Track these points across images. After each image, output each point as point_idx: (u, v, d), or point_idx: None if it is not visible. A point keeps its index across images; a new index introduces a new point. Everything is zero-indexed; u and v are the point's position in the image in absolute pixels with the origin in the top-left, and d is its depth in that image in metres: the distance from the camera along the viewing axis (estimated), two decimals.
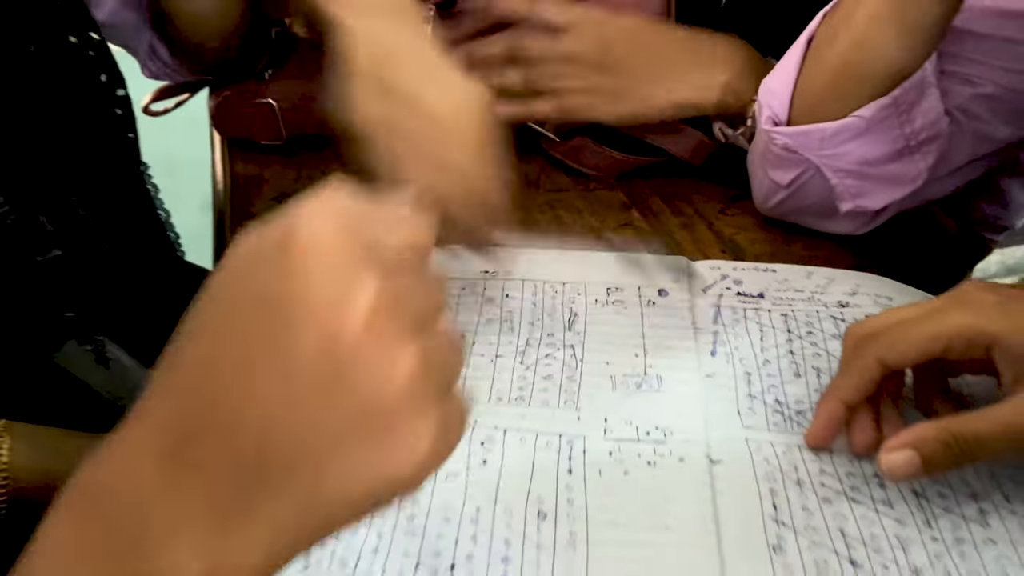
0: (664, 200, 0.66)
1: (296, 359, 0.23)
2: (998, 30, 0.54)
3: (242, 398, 0.23)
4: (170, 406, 0.25)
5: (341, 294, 0.23)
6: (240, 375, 0.24)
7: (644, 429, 0.46)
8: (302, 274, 0.23)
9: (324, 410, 0.23)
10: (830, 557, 0.40)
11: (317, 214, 0.24)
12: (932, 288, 0.55)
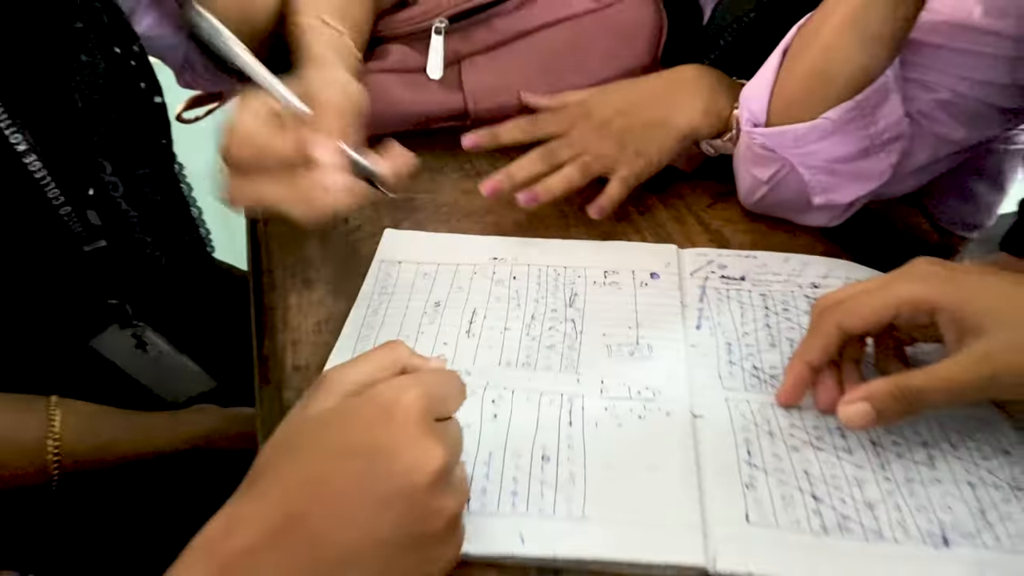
0: (658, 197, 0.73)
1: (382, 497, 0.36)
2: (951, 41, 0.60)
3: (334, 515, 0.36)
4: (278, 497, 0.37)
5: (421, 459, 0.37)
6: (336, 498, 0.36)
7: (635, 389, 0.53)
8: (400, 439, 0.37)
9: (393, 533, 0.37)
10: (795, 493, 0.46)
11: (411, 392, 0.39)
12: None
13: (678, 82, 0.72)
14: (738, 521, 0.45)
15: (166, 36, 0.81)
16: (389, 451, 0.37)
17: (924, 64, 0.61)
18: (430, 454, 0.37)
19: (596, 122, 0.70)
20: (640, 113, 0.70)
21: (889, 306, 0.48)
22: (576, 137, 0.69)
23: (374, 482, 0.37)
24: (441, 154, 0.77)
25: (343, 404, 0.40)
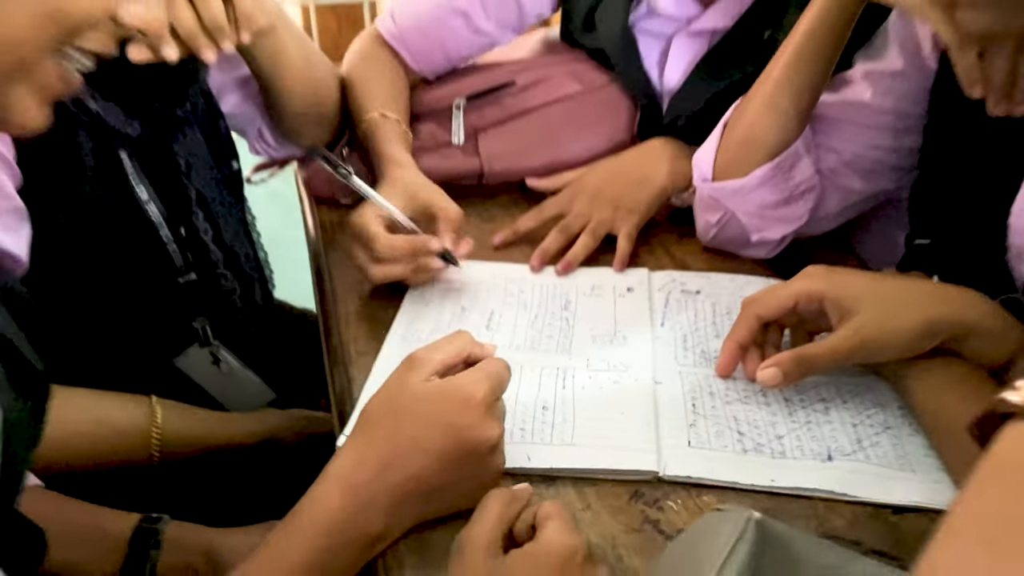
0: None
1: (458, 456, 0.56)
2: (850, 116, 0.81)
3: (427, 465, 0.55)
4: (388, 448, 0.56)
5: (486, 434, 0.56)
6: (428, 453, 0.55)
7: (612, 364, 0.71)
8: (473, 419, 0.56)
9: (463, 479, 0.56)
10: (725, 430, 0.65)
11: (483, 385, 0.57)
12: None
13: (650, 151, 0.93)
14: (682, 446, 0.63)
15: (246, 113, 1.02)
16: (466, 427, 0.56)
17: (830, 133, 0.82)
18: (491, 431, 0.56)
19: (591, 194, 0.90)
20: (624, 179, 0.91)
21: (790, 297, 0.67)
22: (579, 210, 0.89)
23: (455, 446, 0.55)
24: (463, 204, 0.96)
25: (435, 385, 0.57)
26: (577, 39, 1.03)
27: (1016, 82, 0.64)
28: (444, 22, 1.00)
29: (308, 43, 0.98)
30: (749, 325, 0.69)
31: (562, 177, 0.96)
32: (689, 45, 0.93)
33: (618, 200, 0.89)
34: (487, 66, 1.05)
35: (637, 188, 0.90)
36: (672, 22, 0.93)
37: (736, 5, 0.89)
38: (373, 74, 0.99)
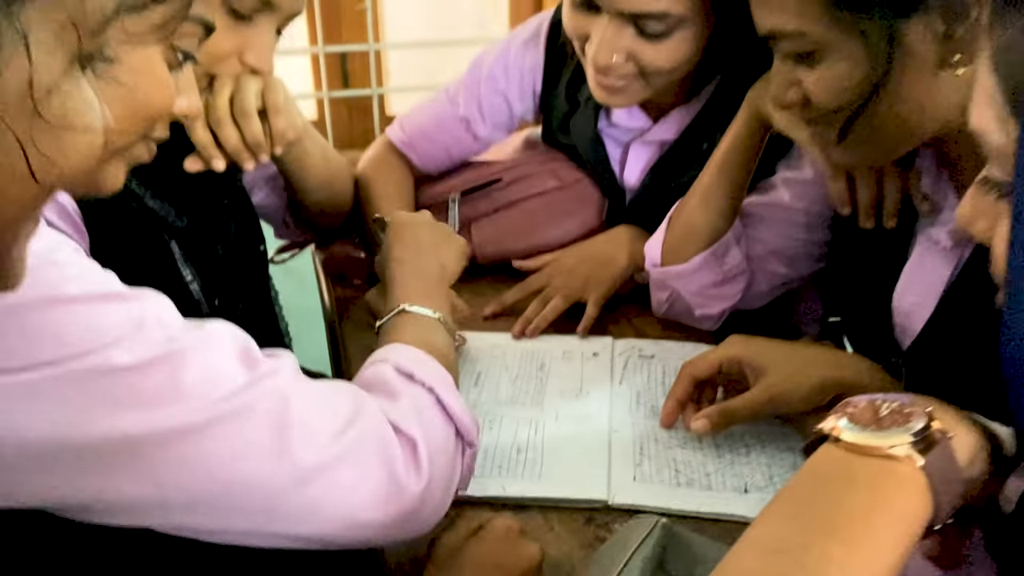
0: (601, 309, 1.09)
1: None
2: (772, 214, 0.98)
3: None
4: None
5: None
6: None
7: (576, 415, 0.88)
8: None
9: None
10: (664, 468, 0.81)
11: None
12: None
13: (615, 236, 1.11)
14: (629, 480, 0.79)
15: (273, 205, 1.21)
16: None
17: (757, 227, 1.00)
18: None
19: (566, 271, 1.08)
20: (593, 259, 1.09)
21: (716, 360, 0.84)
22: (556, 285, 1.06)
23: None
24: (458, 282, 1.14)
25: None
26: (555, 140, 1.21)
27: (875, 203, 0.82)
28: (447, 129, 1.19)
29: (327, 148, 1.16)
30: (685, 384, 0.85)
31: (542, 258, 1.13)
32: (644, 151, 1.11)
33: (588, 276, 1.06)
34: (479, 164, 1.24)
35: (604, 267, 1.07)
36: (629, 131, 1.11)
37: (679, 121, 1.07)
38: (383, 176, 1.18)
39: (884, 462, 0.46)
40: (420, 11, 2.00)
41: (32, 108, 0.35)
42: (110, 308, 0.60)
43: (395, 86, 2.00)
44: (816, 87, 0.73)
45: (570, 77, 1.12)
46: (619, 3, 0.91)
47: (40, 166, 0.37)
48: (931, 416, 0.48)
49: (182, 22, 0.57)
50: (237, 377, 0.60)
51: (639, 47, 0.94)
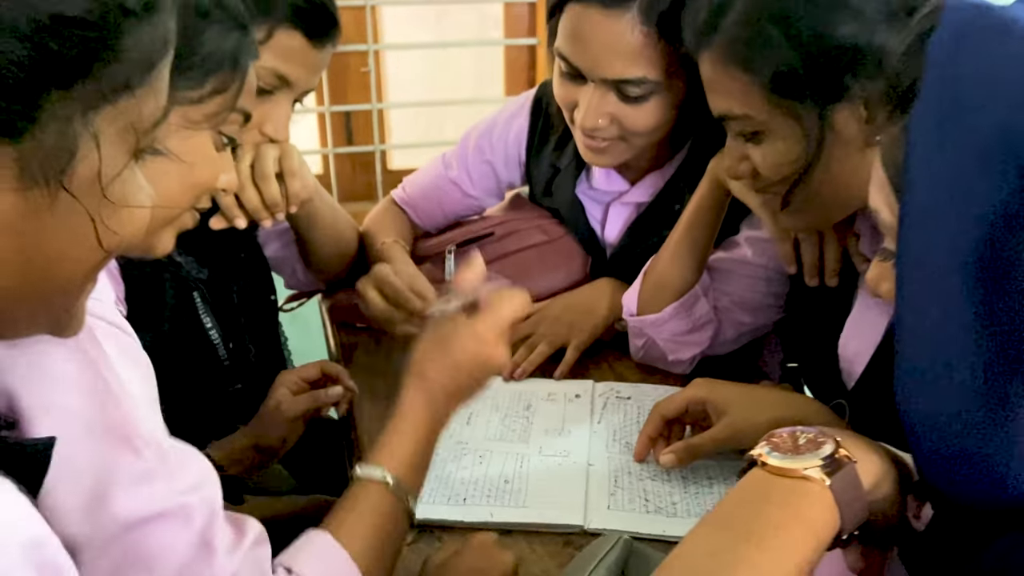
0: (582, 354, 1.19)
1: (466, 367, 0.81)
2: (736, 268, 1.09)
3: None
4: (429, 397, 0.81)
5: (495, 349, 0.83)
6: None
7: (558, 450, 0.97)
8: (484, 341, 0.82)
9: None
10: (636, 498, 0.90)
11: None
12: None
13: (597, 288, 1.21)
14: (603, 508, 0.88)
15: (284, 257, 1.31)
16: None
17: (723, 280, 1.10)
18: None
19: (552, 319, 1.18)
20: (577, 308, 1.19)
21: (683, 401, 0.93)
22: (542, 331, 1.17)
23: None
24: None
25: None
26: (540, 201, 1.33)
27: (817, 264, 0.93)
28: (442, 190, 1.31)
29: (335, 206, 1.28)
30: (656, 423, 0.95)
31: (534, 307, 1.24)
32: (622, 211, 1.22)
33: (571, 324, 1.16)
34: (473, 220, 1.35)
35: (586, 316, 1.18)
36: (609, 194, 1.23)
37: (653, 184, 1.19)
38: (386, 222, 1.30)
39: (798, 482, 0.56)
40: (419, 73, 2.12)
41: (100, 191, 0.46)
42: None
43: (396, 143, 2.12)
44: (762, 162, 0.85)
45: (551, 147, 1.24)
46: (602, 72, 1.03)
47: (105, 236, 0.48)
48: (839, 444, 0.58)
49: (230, 113, 0.69)
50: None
51: (621, 111, 1.05)
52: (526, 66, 2.11)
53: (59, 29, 0.41)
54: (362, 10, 1.93)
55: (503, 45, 2.09)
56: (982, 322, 0.49)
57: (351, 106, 2.02)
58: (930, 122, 0.49)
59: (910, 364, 0.54)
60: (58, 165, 0.44)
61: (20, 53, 0.40)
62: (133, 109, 0.46)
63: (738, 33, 0.82)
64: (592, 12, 1.01)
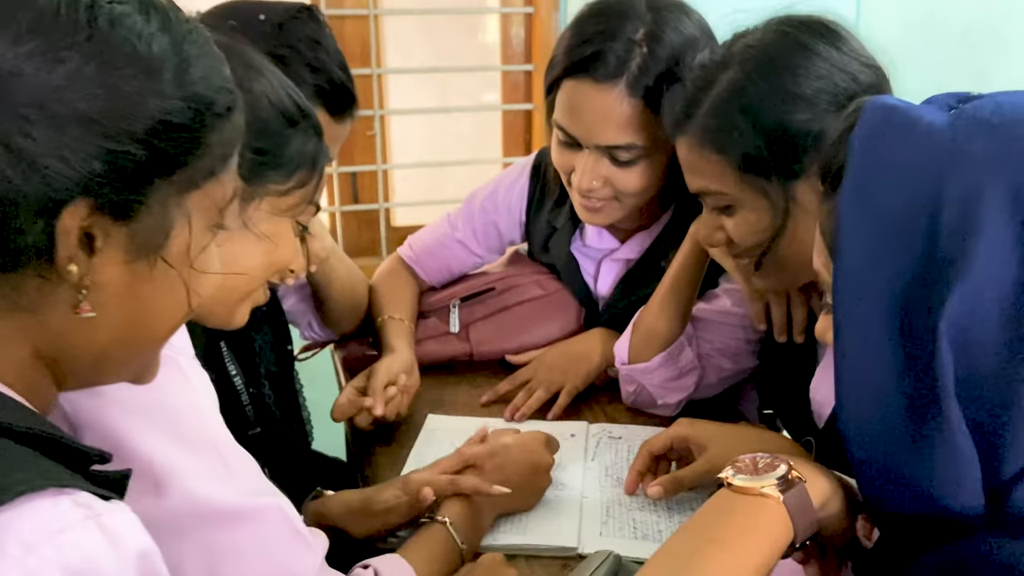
0: (578, 398, 1.30)
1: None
2: (716, 318, 1.21)
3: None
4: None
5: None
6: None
7: (556, 484, 1.07)
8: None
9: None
10: (625, 526, 1.00)
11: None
12: None
13: (590, 337, 1.32)
14: (596, 534, 0.98)
15: (300, 310, 1.42)
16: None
17: (705, 329, 1.22)
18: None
19: (548, 366, 1.29)
20: (571, 356, 1.30)
21: (668, 438, 1.04)
22: (539, 377, 1.28)
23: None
24: (457, 376, 1.35)
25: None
26: (538, 257, 1.44)
27: (786, 322, 1.04)
28: (448, 248, 1.43)
29: (349, 264, 1.39)
30: (644, 459, 1.05)
31: (529, 355, 1.35)
32: (613, 267, 1.34)
33: (566, 370, 1.27)
34: (476, 275, 1.47)
35: (580, 363, 1.28)
36: (601, 251, 1.35)
37: (641, 243, 1.31)
38: (392, 286, 1.41)
39: (757, 498, 0.67)
40: (422, 136, 2.25)
41: (189, 261, 0.57)
42: None
43: (400, 201, 2.24)
44: (734, 231, 0.97)
45: (548, 207, 1.37)
46: (596, 139, 1.15)
47: (192, 298, 0.59)
48: (791, 467, 0.69)
49: (309, 205, 0.82)
50: None
51: (613, 174, 1.17)
52: (523, 129, 2.24)
53: (167, 132, 0.52)
54: (369, 78, 2.06)
55: (501, 110, 2.22)
56: (902, 364, 0.60)
57: (358, 167, 2.13)
58: (853, 199, 0.60)
59: (847, 399, 0.65)
60: (158, 240, 0.55)
61: (138, 153, 0.51)
62: (216, 191, 0.58)
63: (710, 121, 0.95)
64: (585, 86, 1.13)
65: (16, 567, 0.44)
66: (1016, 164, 0.56)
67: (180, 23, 0.54)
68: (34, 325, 0.53)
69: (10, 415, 0.51)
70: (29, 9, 0.48)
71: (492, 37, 2.19)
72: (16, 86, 0.48)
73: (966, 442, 0.59)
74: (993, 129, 0.58)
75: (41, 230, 0.50)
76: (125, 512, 0.51)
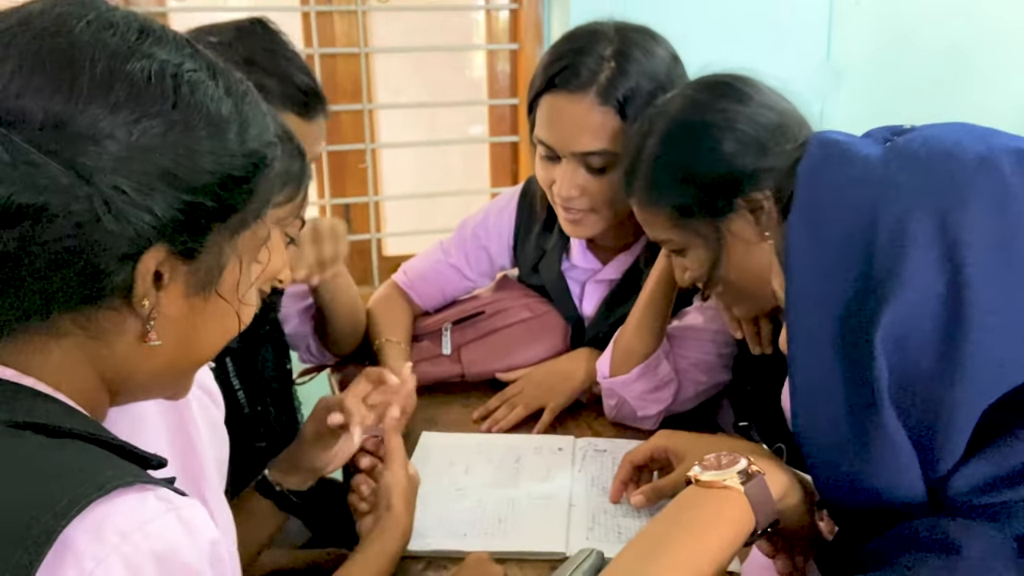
0: (564, 413, 1.36)
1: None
2: (690, 334, 1.28)
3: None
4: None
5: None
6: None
7: (544, 494, 1.14)
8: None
9: None
10: (611, 531, 1.06)
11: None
12: None
13: (576, 356, 1.40)
14: (582, 539, 1.05)
15: (301, 333, 1.49)
16: None
17: (681, 344, 1.29)
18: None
19: (534, 384, 1.36)
20: (557, 375, 1.37)
21: (649, 449, 1.11)
22: (525, 394, 1.35)
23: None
24: (450, 396, 1.42)
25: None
26: (527, 280, 1.52)
27: (755, 335, 1.13)
28: (442, 273, 1.51)
29: (353, 284, 1.46)
30: (627, 469, 1.12)
31: (517, 373, 1.42)
32: (597, 288, 1.42)
33: (551, 388, 1.34)
34: (466, 299, 1.54)
35: (564, 381, 1.36)
36: (586, 271, 1.43)
37: (622, 264, 1.39)
38: (388, 310, 1.48)
39: (721, 490, 0.74)
40: (412, 168, 2.32)
41: (238, 294, 0.64)
42: None
43: (391, 231, 2.31)
44: (690, 268, 1.10)
45: (536, 232, 1.45)
46: (572, 147, 1.24)
47: (241, 326, 0.66)
48: (751, 462, 0.76)
49: (295, 219, 0.90)
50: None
51: (590, 182, 1.26)
52: (509, 160, 2.32)
53: (231, 185, 0.60)
54: (360, 113, 2.15)
55: (488, 142, 2.30)
56: (844, 374, 0.67)
57: (350, 199, 2.21)
58: (800, 225, 0.68)
59: (800, 406, 0.72)
60: (213, 276, 0.62)
61: (208, 204, 0.59)
62: (261, 230, 0.66)
63: (644, 183, 1.10)
64: (560, 98, 1.24)
65: (113, 552, 0.52)
66: (940, 192, 0.64)
67: (237, 84, 0.62)
68: (102, 351, 0.61)
69: (90, 426, 0.59)
70: (125, 81, 0.56)
71: (479, 72, 2.28)
72: (112, 148, 0.55)
73: (904, 443, 0.65)
74: (920, 161, 0.65)
75: (125, 271, 0.57)
76: (197, 506, 0.58)
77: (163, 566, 0.53)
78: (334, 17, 2.09)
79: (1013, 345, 0.62)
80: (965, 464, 0.64)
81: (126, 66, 0.56)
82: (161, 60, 0.58)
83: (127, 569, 0.52)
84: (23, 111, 0.53)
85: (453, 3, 2.24)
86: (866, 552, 0.70)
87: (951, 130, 0.69)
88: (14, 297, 0.56)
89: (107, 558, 0.51)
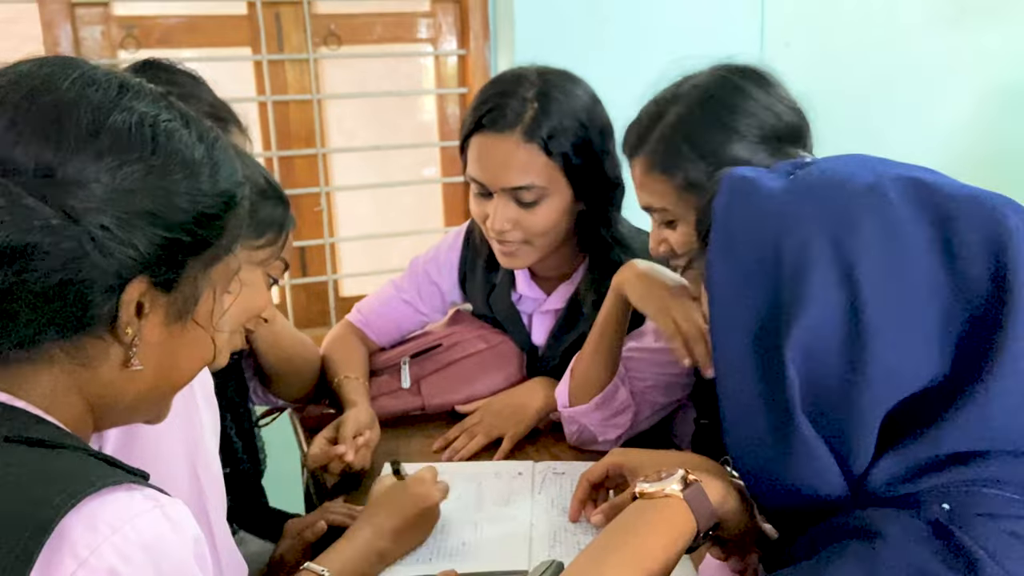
0: (523, 439, 1.40)
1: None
2: (643, 355, 1.33)
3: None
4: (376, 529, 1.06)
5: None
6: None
7: (506, 516, 1.17)
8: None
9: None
10: (572, 549, 1.10)
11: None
12: None
13: (531, 386, 1.44)
14: (545, 555, 1.08)
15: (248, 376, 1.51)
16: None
17: (636, 367, 1.34)
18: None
19: (493, 413, 1.40)
20: (514, 404, 1.41)
21: (604, 467, 1.15)
22: (483, 423, 1.39)
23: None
24: (412, 428, 1.45)
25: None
26: (481, 313, 1.56)
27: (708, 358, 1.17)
28: (396, 308, 1.55)
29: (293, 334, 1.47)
30: (584, 488, 1.16)
31: (476, 404, 1.45)
32: (543, 319, 1.48)
33: (509, 417, 1.38)
34: (422, 334, 1.58)
35: (521, 410, 1.40)
36: (534, 301, 1.48)
37: (564, 294, 1.45)
38: (343, 348, 1.51)
39: (662, 500, 0.79)
40: (367, 210, 2.37)
41: (212, 321, 0.69)
42: None
43: (346, 272, 2.34)
44: (677, 243, 1.14)
45: (482, 268, 1.51)
46: (501, 182, 1.31)
47: (215, 351, 0.71)
48: (688, 472, 0.81)
49: (276, 260, 0.96)
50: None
51: (521, 215, 1.32)
52: (462, 200, 2.37)
53: (205, 221, 0.66)
54: (314, 157, 2.19)
55: (440, 183, 2.36)
56: (761, 385, 0.72)
57: (306, 241, 2.23)
58: (717, 253, 0.74)
59: (726, 416, 0.77)
60: (190, 306, 0.67)
61: (185, 239, 0.65)
62: (232, 262, 0.71)
63: (659, 147, 1.11)
64: (488, 138, 1.31)
65: (105, 542, 0.57)
66: (835, 220, 0.70)
67: (208, 131, 0.69)
68: (88, 377, 0.66)
69: (79, 443, 0.65)
70: (108, 132, 0.62)
71: (429, 116, 2.34)
72: (98, 191, 0.61)
73: (819, 446, 0.71)
74: (817, 192, 0.72)
75: (110, 302, 0.63)
76: (181, 505, 0.63)
77: (151, 555, 0.59)
78: (286, 65, 2.14)
79: (907, 355, 0.68)
80: (880, 460, 0.70)
81: (109, 118, 0.62)
82: (140, 112, 0.64)
83: (118, 557, 0.57)
84: (17, 161, 0.59)
85: (403, 49, 2.30)
86: (799, 546, 0.75)
87: (845, 162, 0.76)
88: (8, 327, 0.62)
89: (100, 547, 0.57)
